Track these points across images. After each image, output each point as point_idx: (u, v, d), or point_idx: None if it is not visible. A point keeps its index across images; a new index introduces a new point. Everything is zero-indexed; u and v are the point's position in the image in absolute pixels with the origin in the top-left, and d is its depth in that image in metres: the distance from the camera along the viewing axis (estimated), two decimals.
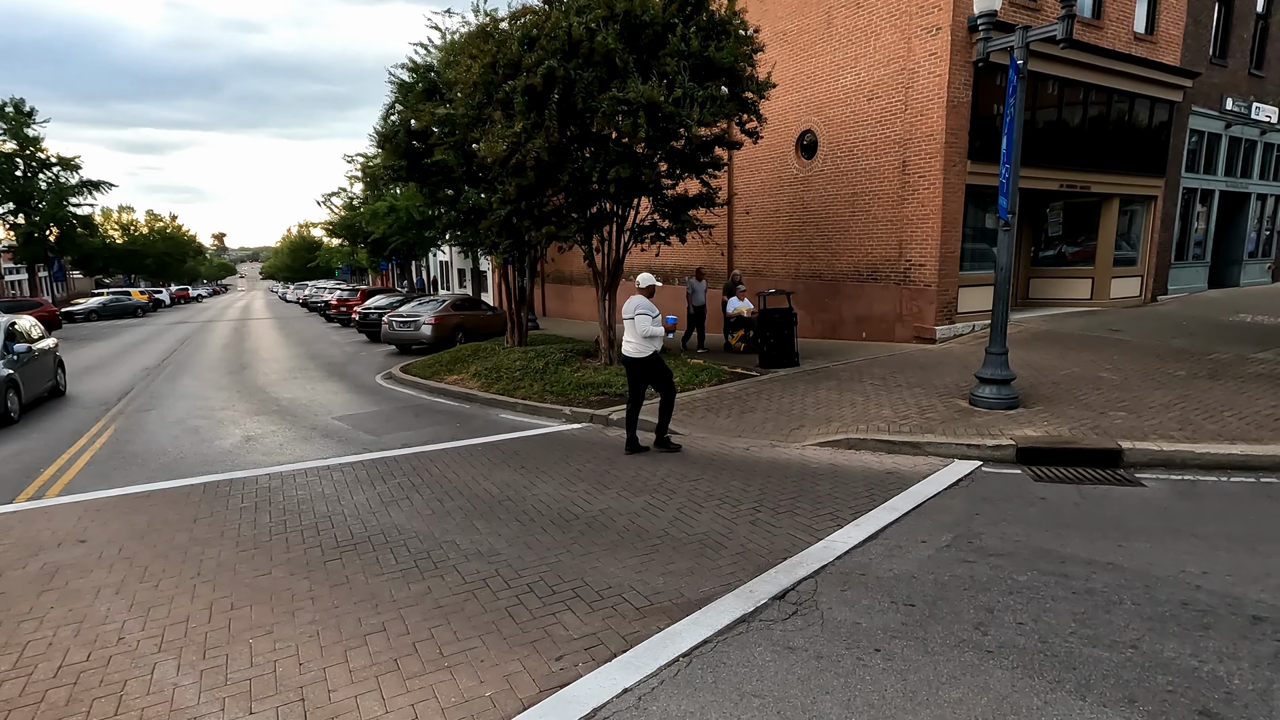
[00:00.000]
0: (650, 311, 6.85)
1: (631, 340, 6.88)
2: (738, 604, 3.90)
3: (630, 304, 6.91)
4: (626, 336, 6.93)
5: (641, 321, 6.75)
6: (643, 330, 6.76)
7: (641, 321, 6.75)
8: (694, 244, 14.28)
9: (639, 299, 6.91)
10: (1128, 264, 15.72)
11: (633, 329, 6.81)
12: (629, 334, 6.88)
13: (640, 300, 6.90)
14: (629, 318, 6.84)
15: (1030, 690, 3.07)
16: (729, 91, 9.83)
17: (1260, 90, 17.87)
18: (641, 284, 7.09)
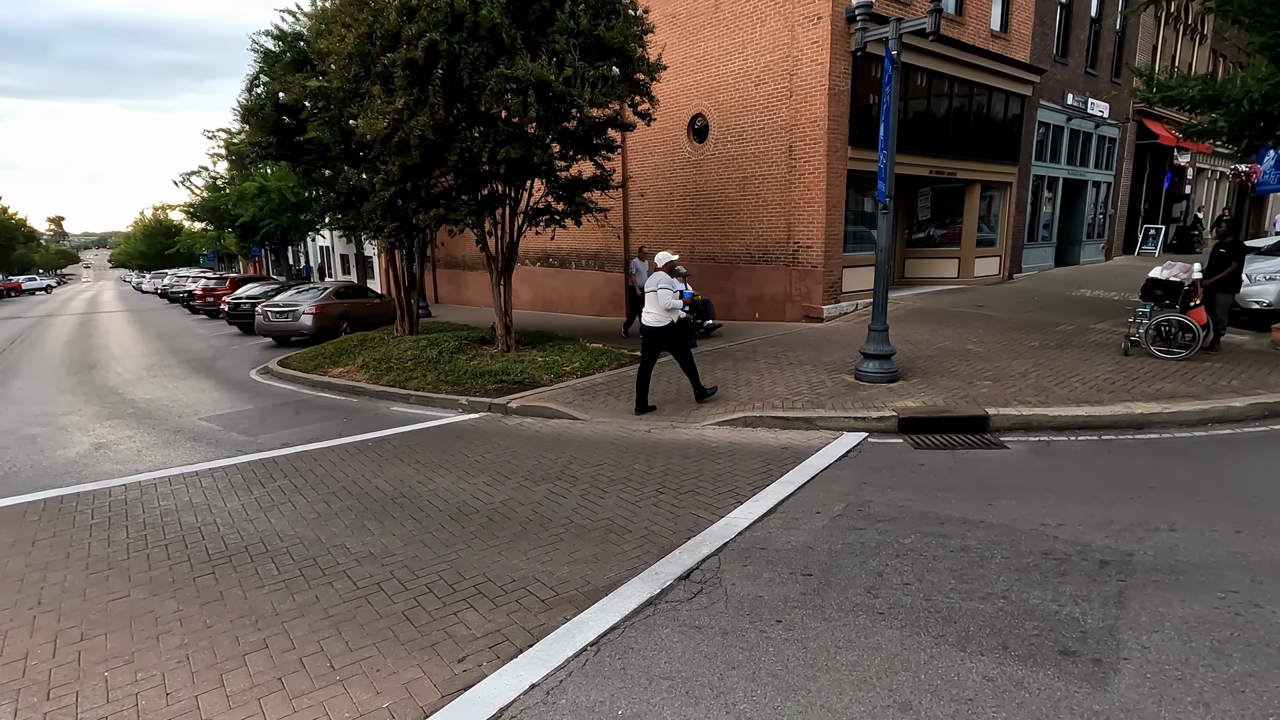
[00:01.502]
0: (671, 286, 7.54)
1: (653, 311, 7.61)
2: (644, 587, 3.90)
3: (653, 279, 7.60)
4: (648, 308, 7.67)
5: (664, 295, 7.48)
6: (665, 303, 7.49)
7: (664, 295, 7.48)
8: (590, 227, 14.18)
9: (661, 275, 7.61)
10: (988, 245, 17.12)
11: (655, 301, 7.54)
12: (650, 306, 7.61)
13: (662, 276, 7.59)
14: (652, 290, 7.55)
15: (917, 646, 3.27)
16: (620, 72, 9.75)
17: (1095, 87, 19.88)
18: (660, 262, 7.80)
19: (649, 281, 7.66)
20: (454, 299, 24.88)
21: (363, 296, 18.36)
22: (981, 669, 3.08)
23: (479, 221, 10.57)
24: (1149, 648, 3.19)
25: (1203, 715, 2.75)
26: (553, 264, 18.45)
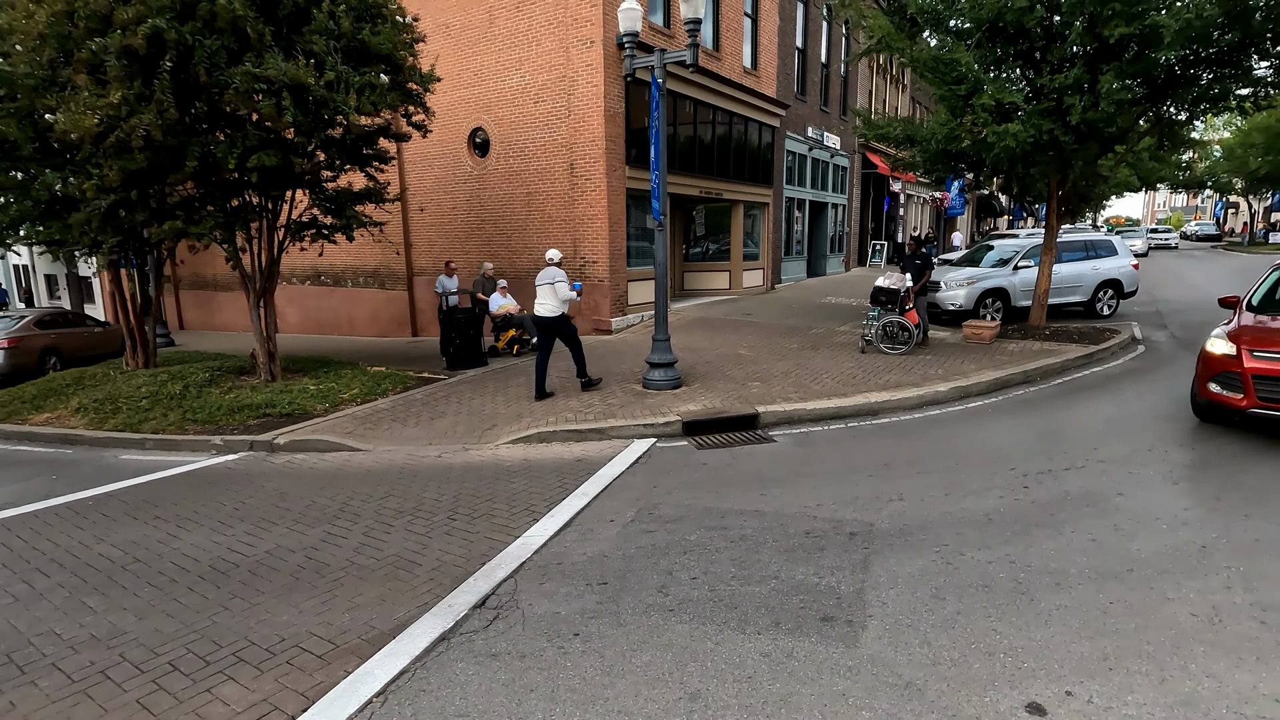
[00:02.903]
0: (565, 279, 8.44)
1: (548, 302, 8.36)
2: (436, 623, 3.70)
3: (547, 274, 8.40)
4: (543, 299, 8.39)
5: (561, 288, 8.34)
6: (563, 295, 8.36)
7: (561, 288, 8.34)
8: (366, 243, 13.25)
9: (554, 270, 8.45)
10: (753, 259, 19.02)
11: (553, 293, 8.34)
12: (546, 297, 8.36)
13: (555, 270, 8.45)
14: (549, 283, 8.34)
15: (704, 636, 3.49)
16: (390, 80, 9.25)
17: (828, 123, 23.08)
18: (554, 259, 8.71)
19: (545, 276, 8.40)
20: (205, 324, 21.68)
21: (77, 325, 15.27)
22: (759, 647, 3.37)
23: (229, 236, 9.34)
24: (886, 603, 3.73)
25: (926, 652, 3.28)
26: (325, 282, 16.92)
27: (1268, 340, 6.04)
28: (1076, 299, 13.67)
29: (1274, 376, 5.81)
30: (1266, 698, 2.89)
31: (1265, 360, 5.87)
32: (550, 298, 8.34)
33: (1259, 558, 4.07)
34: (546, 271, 8.46)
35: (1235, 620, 3.45)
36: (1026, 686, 3.01)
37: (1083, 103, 8.93)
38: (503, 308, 12.14)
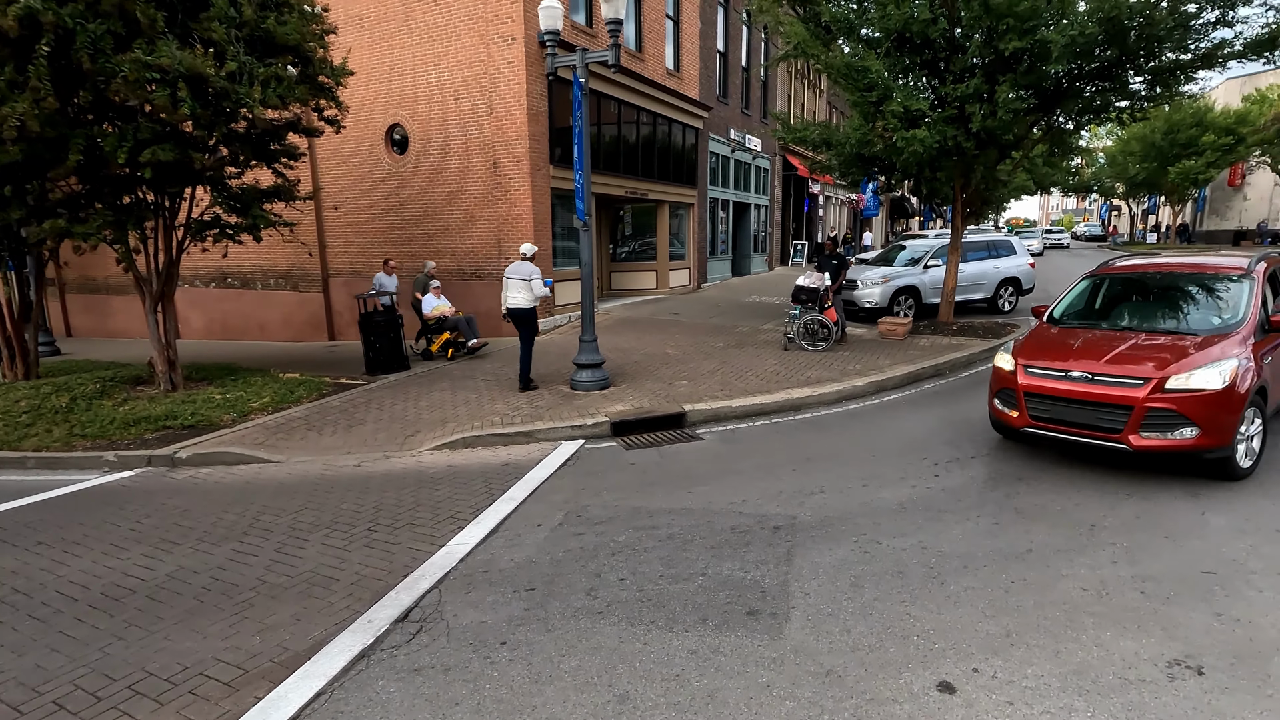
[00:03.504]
0: (539, 275, 8.76)
1: (522, 295, 8.71)
2: (355, 640, 3.55)
3: (521, 268, 8.72)
4: (515, 293, 8.73)
5: (536, 284, 8.70)
6: (538, 291, 8.72)
7: (536, 284, 8.70)
8: (277, 243, 12.62)
9: (529, 265, 8.75)
10: (680, 259, 19.24)
11: (527, 288, 8.69)
12: (519, 291, 8.71)
13: (530, 266, 8.75)
14: (524, 279, 8.68)
15: (633, 637, 3.49)
16: (299, 73, 8.82)
17: (750, 125, 23.61)
18: (527, 253, 8.95)
19: (519, 270, 8.71)
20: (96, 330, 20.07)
21: None
22: (687, 644, 3.41)
23: (120, 236, 8.66)
24: (809, 594, 3.85)
25: (846, 639, 3.40)
26: (233, 285, 15.97)
27: (1045, 355, 5.71)
28: (980, 296, 14.51)
29: (1044, 394, 5.46)
30: (1147, 662, 3.14)
31: (1038, 376, 5.54)
32: (524, 291, 8.71)
33: (1139, 534, 4.42)
34: (520, 266, 8.75)
35: (1120, 592, 3.74)
36: (937, 666, 3.17)
37: (982, 111, 9.48)
38: (436, 309, 11.52)
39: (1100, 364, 5.32)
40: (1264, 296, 5.74)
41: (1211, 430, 4.91)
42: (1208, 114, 37.36)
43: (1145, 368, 5.15)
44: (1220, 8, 9.09)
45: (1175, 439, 4.95)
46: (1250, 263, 6.05)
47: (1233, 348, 5.19)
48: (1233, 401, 4.94)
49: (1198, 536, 4.36)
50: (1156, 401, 4.98)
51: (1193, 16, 9.13)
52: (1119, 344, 5.57)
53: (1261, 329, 5.49)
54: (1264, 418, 5.38)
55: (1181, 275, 6.34)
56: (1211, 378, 4.96)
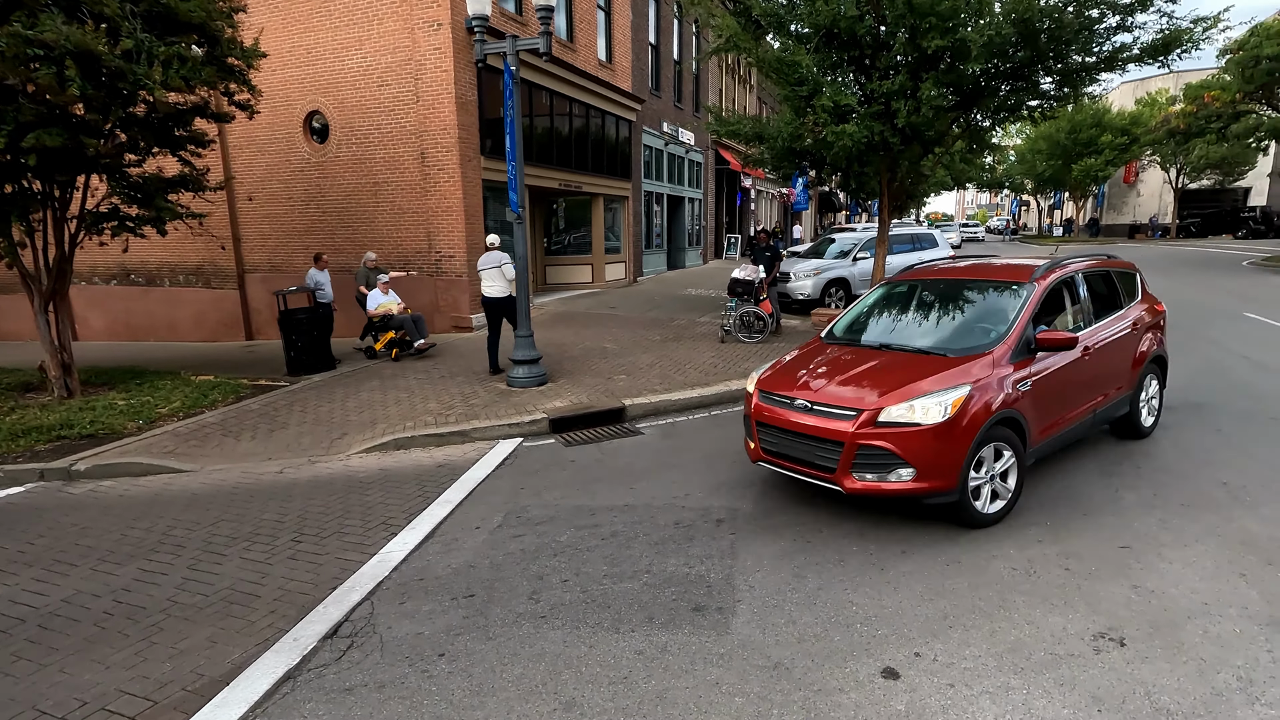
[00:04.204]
0: (510, 262, 8.77)
1: (496, 284, 8.95)
2: (279, 660, 3.32)
3: (492, 257, 8.97)
4: (491, 281, 8.97)
5: (508, 269, 8.84)
6: (510, 276, 8.84)
7: (508, 269, 8.84)
8: (185, 237, 11.84)
9: (498, 254, 8.99)
10: (615, 252, 19.13)
11: (501, 275, 8.91)
12: (494, 279, 8.95)
13: (500, 254, 8.97)
14: (496, 266, 8.90)
15: (578, 640, 3.39)
16: (206, 53, 8.22)
17: (682, 119, 23.69)
18: (494, 243, 9.23)
19: (491, 260, 8.94)
20: None
21: None
22: (633, 645, 3.34)
23: (2, 229, 7.90)
24: (754, 586, 3.84)
25: (792, 631, 3.40)
26: (137, 282, 14.86)
27: (782, 378, 4.91)
28: None
29: (771, 424, 4.70)
30: (1074, 637, 3.27)
31: (768, 403, 4.77)
32: (499, 279, 8.95)
33: (1060, 512, 4.63)
34: (491, 255, 9.03)
35: (1046, 570, 3.90)
36: (881, 652, 3.21)
37: (907, 107, 9.76)
38: (382, 306, 10.71)
39: (821, 391, 4.57)
40: (1036, 312, 4.86)
41: (930, 472, 4.12)
42: (1106, 115, 40.01)
43: (864, 396, 4.36)
44: (1120, 13, 9.65)
45: (893, 483, 4.17)
46: (1036, 271, 5.23)
47: (974, 372, 4.39)
48: (955, 437, 4.14)
49: (1112, 513, 4.60)
50: (866, 437, 4.19)
51: (1096, 21, 9.65)
52: (858, 366, 4.80)
53: (1026, 349, 4.65)
54: (1018, 452, 4.49)
55: (966, 283, 5.51)
56: (929, 409, 4.16)
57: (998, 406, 4.34)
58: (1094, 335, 5.27)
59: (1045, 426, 4.79)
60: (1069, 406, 5.03)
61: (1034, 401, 4.60)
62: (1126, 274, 6.15)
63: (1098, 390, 5.30)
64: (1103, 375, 5.33)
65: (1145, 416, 6.03)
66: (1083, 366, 5.07)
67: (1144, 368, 5.82)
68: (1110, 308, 5.70)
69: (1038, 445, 4.77)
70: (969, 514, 4.36)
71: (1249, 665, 3.01)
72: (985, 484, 4.41)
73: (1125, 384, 5.64)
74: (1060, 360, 4.87)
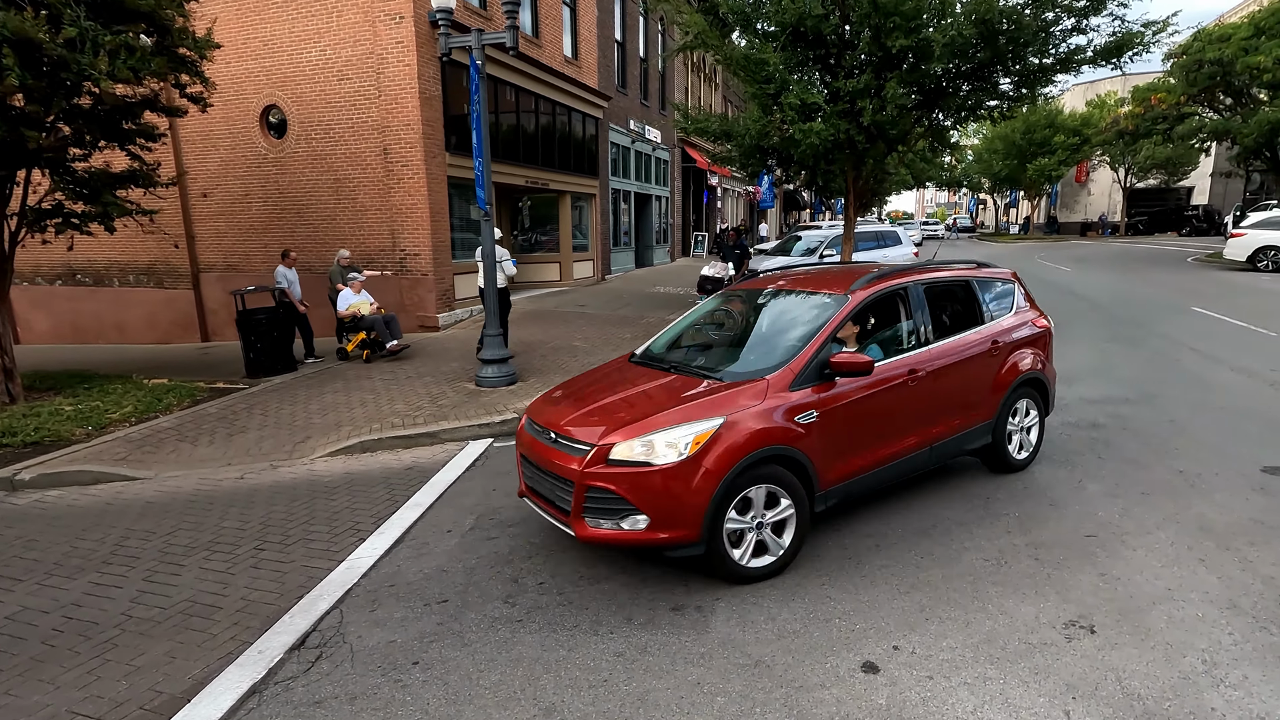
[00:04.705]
0: (508, 257, 9.54)
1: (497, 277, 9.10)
2: (244, 674, 3.18)
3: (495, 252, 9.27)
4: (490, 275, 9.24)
5: (507, 264, 9.53)
6: (509, 271, 9.58)
7: (507, 264, 9.53)
8: (135, 234, 11.38)
9: (497, 248, 9.04)
10: (583, 250, 19.02)
11: (499, 270, 9.26)
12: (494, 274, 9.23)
13: (501, 249, 9.30)
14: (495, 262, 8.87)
15: (556, 644, 3.33)
16: (156, 43, 7.90)
17: (649, 117, 23.66)
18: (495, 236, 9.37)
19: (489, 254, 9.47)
20: None
21: None
22: (613, 647, 3.29)
23: None
24: (732, 584, 3.82)
25: (771, 628, 3.39)
26: (84, 282, 14.25)
27: (551, 403, 4.37)
28: None
29: (527, 457, 4.11)
30: (1046, 625, 3.33)
31: (529, 434, 4.15)
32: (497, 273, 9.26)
33: (1027, 503, 4.73)
34: None
35: (1016, 560, 3.97)
36: (860, 646, 3.22)
37: (872, 106, 9.90)
38: (353, 306, 10.24)
39: (570, 421, 3.95)
40: (834, 332, 4.14)
41: (666, 520, 3.52)
42: (1058, 116, 41.25)
43: (603, 430, 3.72)
44: (1075, 16, 9.93)
45: (627, 530, 3.57)
46: (856, 282, 4.51)
47: (737, 401, 3.72)
48: (696, 480, 3.50)
49: (1077, 503, 4.71)
50: (594, 478, 3.60)
51: (1053, 23, 9.92)
52: (627, 390, 4.20)
53: (819, 373, 3.95)
54: (798, 498, 3.82)
55: (791, 294, 4.85)
56: (663, 447, 3.54)
57: (763, 443, 3.66)
58: (932, 356, 4.53)
59: (850, 464, 4.11)
60: (889, 440, 4.32)
61: (826, 436, 3.91)
62: (997, 286, 5.37)
63: (937, 419, 4.59)
64: (945, 402, 4.63)
65: (1015, 448, 5.23)
66: (912, 392, 4.38)
67: (1011, 392, 5.03)
68: (966, 324, 4.99)
69: (840, 485, 4.08)
70: (725, 567, 3.69)
71: (1212, 648, 3.10)
72: (752, 531, 3.74)
73: (982, 411, 4.90)
74: (871, 386, 4.14)
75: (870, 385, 4.15)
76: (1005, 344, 5.04)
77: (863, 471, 4.21)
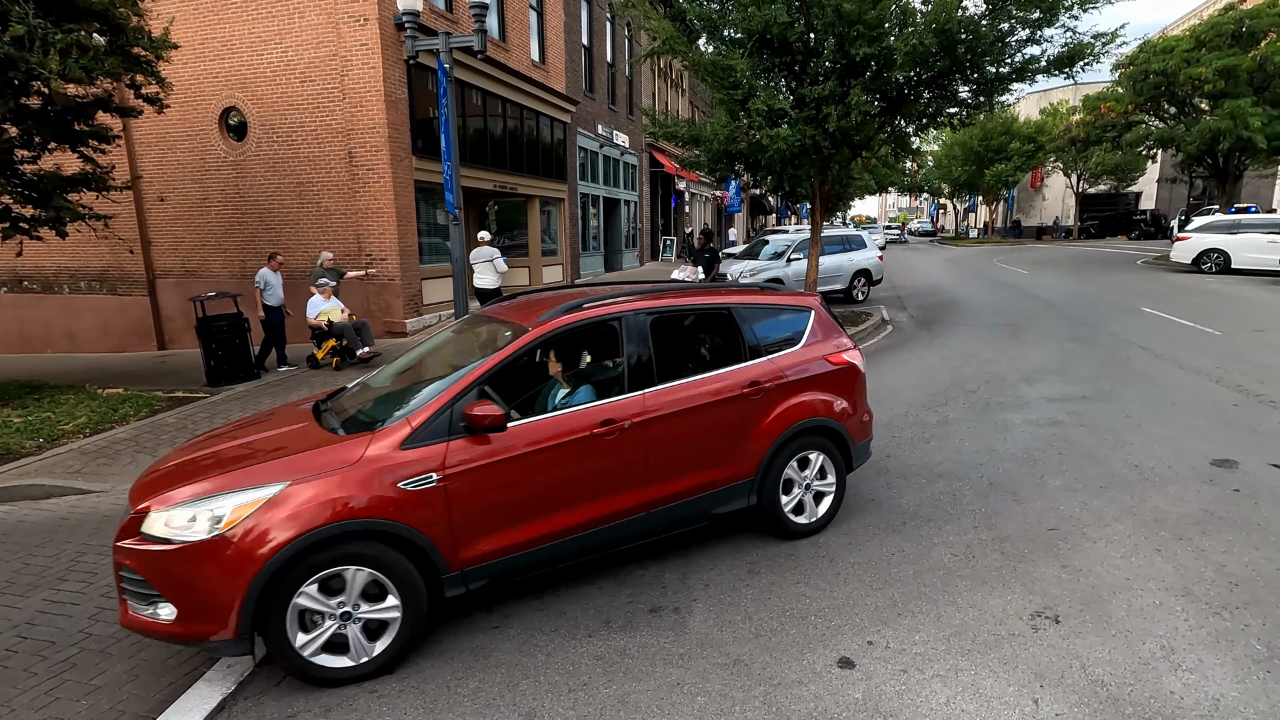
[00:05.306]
0: (500, 256, 10.59)
1: (487, 276, 10.37)
2: (213, 690, 3.10)
3: (484, 252, 10.48)
4: (482, 273, 10.38)
5: (499, 263, 10.49)
6: (501, 269, 10.51)
7: (499, 263, 10.49)
8: (87, 239, 11.01)
9: (490, 249, 10.49)
10: (552, 254, 18.95)
11: (492, 269, 10.35)
12: (486, 272, 10.39)
13: (491, 249, 10.52)
14: (488, 260, 10.30)
15: (535, 649, 3.30)
16: (109, 43, 7.67)
17: (617, 121, 23.72)
18: (485, 239, 10.76)
19: (483, 254, 10.32)
20: None
21: None
22: (591, 650, 3.29)
23: None
24: (709, 584, 3.85)
25: (749, 627, 3.43)
26: (32, 289, 13.70)
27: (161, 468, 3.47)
28: (837, 287, 15.51)
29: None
30: (1014, 617, 3.43)
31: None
32: (489, 272, 10.19)
33: (992, 499, 4.86)
34: (481, 250, 10.41)
35: (984, 555, 4.08)
36: (835, 643, 3.27)
37: (837, 112, 10.08)
38: (323, 313, 9.93)
39: (159, 473, 3.38)
40: (484, 377, 3.39)
41: (194, 613, 2.86)
42: (1014, 124, 42.51)
43: (153, 494, 3.08)
44: (1029, 27, 10.26)
45: (163, 620, 2.91)
46: (546, 314, 3.68)
47: (316, 463, 3.06)
48: (228, 565, 2.82)
49: (1040, 498, 4.85)
50: (122, 553, 2.98)
51: (1008, 33, 10.23)
52: (245, 440, 3.50)
53: (451, 428, 3.25)
54: (402, 587, 3.11)
55: (489, 323, 4.17)
56: (188, 520, 2.89)
57: (342, 515, 2.94)
58: (644, 403, 3.68)
59: (509, 537, 3.36)
60: (577, 505, 3.53)
61: (463, 504, 3.21)
62: (779, 314, 4.45)
63: (658, 479, 3.73)
64: (672, 457, 3.77)
65: (792, 510, 4.26)
66: (610, 446, 3.56)
67: (783, 444, 4.12)
68: (718, 361, 4.17)
69: (491, 564, 3.32)
70: (296, 670, 3.01)
71: (1170, 634, 3.23)
72: (334, 621, 3.02)
73: (737, 467, 4.01)
74: (538, 441, 3.40)
75: (537, 440, 3.40)
76: (776, 385, 4.13)
77: (534, 544, 3.43)
